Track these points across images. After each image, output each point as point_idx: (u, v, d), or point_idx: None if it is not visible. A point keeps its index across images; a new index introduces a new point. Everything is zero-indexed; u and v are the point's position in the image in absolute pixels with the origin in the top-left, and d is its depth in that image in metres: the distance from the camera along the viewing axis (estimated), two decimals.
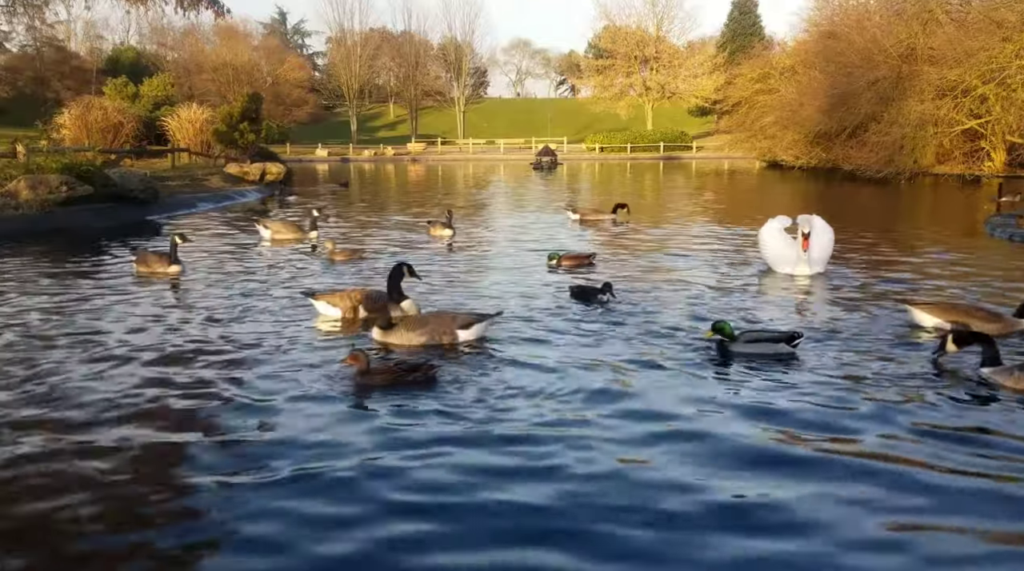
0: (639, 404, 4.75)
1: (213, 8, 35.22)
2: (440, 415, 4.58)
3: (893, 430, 4.31)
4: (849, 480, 3.72)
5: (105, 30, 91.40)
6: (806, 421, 4.47)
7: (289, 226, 13.01)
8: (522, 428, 4.37)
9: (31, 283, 9.00)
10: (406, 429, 4.37)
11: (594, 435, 4.26)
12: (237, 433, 4.34)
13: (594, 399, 4.82)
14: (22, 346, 6.13)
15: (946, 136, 30.35)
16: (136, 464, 3.97)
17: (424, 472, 3.83)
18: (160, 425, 4.48)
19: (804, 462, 3.94)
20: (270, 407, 4.73)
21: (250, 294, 8.23)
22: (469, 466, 3.89)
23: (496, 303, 7.63)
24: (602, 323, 6.77)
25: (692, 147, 69.71)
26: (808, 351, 5.80)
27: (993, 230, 13.23)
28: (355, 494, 3.62)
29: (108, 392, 4.99)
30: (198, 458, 4.02)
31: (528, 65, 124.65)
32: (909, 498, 3.55)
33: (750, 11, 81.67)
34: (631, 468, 3.87)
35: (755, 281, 8.93)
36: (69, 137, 29.30)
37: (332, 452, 4.07)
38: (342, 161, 64.66)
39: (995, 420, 4.49)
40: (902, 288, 8.34)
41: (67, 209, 15.18)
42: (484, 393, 4.94)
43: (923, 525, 3.33)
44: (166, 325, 6.81)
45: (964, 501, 3.53)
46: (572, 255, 10.00)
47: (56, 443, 4.20)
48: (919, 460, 3.93)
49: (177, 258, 9.64)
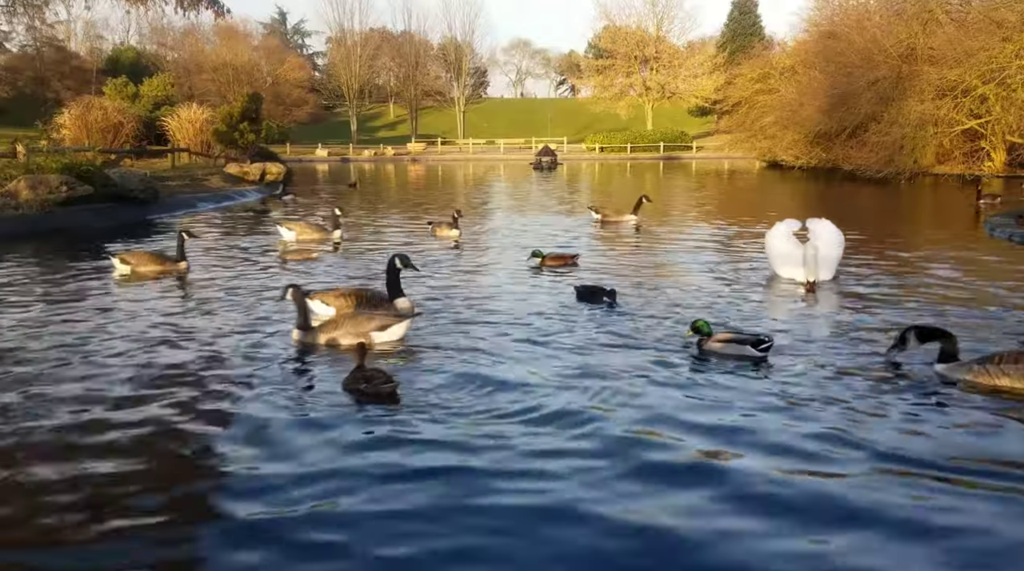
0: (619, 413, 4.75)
1: (213, 8, 35.26)
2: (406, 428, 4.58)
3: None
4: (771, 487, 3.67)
5: (105, 30, 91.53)
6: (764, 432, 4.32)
7: (312, 226, 13.00)
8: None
9: (31, 283, 9.01)
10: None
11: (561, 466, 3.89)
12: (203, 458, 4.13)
13: (561, 418, 4.51)
14: (22, 346, 6.13)
15: (946, 136, 30.35)
16: (135, 462, 3.98)
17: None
18: (150, 430, 4.48)
19: (730, 473, 3.83)
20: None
21: (236, 291, 8.25)
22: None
23: (499, 305, 7.63)
24: (598, 328, 6.72)
25: (692, 147, 69.71)
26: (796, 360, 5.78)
27: (993, 230, 13.23)
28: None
29: (103, 392, 5.01)
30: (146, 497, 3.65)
31: (528, 65, 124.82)
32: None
33: (750, 11, 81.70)
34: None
35: (760, 288, 8.59)
36: (69, 137, 29.30)
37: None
38: (342, 161, 64.67)
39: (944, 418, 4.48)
40: (903, 291, 8.34)
41: (67, 209, 15.19)
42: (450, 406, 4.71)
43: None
44: (165, 325, 6.82)
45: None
46: (556, 255, 10.13)
47: (44, 450, 4.20)
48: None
49: (184, 254, 9.69)
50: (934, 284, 8.55)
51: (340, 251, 11.68)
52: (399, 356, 5.81)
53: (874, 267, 9.69)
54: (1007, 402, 4.70)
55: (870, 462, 3.89)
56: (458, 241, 12.53)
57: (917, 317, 6.78)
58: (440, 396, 4.87)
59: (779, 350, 5.76)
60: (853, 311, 7.24)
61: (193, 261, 10.13)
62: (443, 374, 5.31)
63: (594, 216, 15.41)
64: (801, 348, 5.94)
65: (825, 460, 3.93)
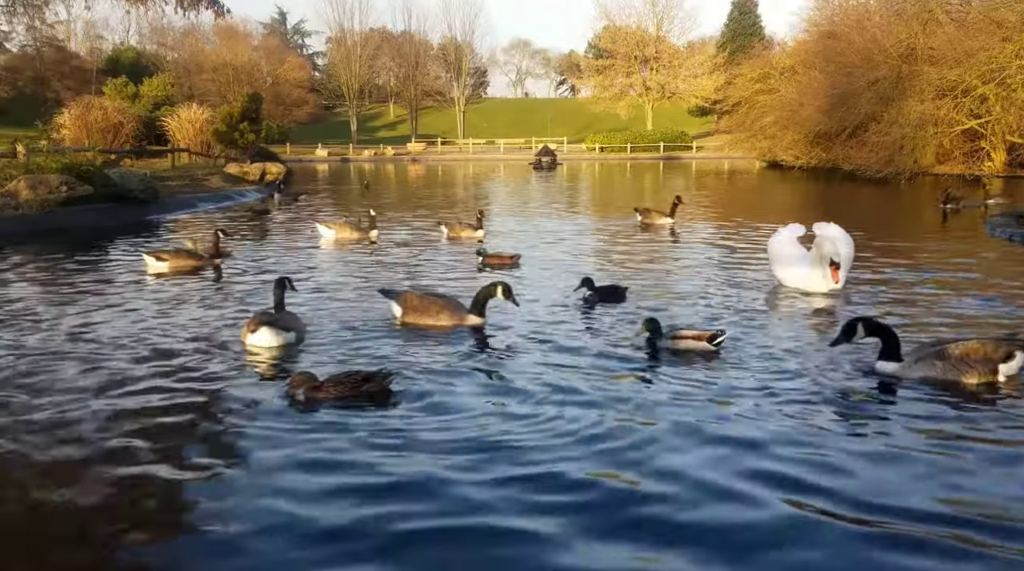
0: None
1: (213, 8, 35.29)
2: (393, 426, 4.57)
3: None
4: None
5: (105, 30, 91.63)
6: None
7: (352, 226, 13.02)
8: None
9: (31, 283, 9.01)
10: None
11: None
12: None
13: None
14: (21, 347, 6.13)
15: (946, 136, 30.34)
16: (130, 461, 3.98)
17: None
18: (146, 432, 4.49)
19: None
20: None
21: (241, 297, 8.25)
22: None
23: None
24: (596, 334, 6.74)
25: (692, 147, 69.70)
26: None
27: (993, 230, 13.24)
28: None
29: (99, 391, 5.01)
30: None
31: (528, 65, 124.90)
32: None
33: (750, 11, 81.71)
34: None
35: (762, 296, 8.03)
36: (69, 137, 29.31)
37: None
38: (342, 161, 64.66)
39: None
40: (902, 292, 8.34)
41: (67, 209, 15.18)
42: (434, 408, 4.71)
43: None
44: (162, 322, 6.83)
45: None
46: (496, 254, 10.25)
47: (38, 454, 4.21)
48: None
49: (219, 251, 10.04)
50: (933, 286, 8.55)
51: (374, 250, 11.62)
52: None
53: (874, 269, 9.67)
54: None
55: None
56: (482, 241, 12.39)
57: (910, 318, 6.78)
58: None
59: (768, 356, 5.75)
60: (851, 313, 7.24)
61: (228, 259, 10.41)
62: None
63: (639, 217, 15.01)
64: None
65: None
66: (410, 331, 6.52)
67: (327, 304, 7.67)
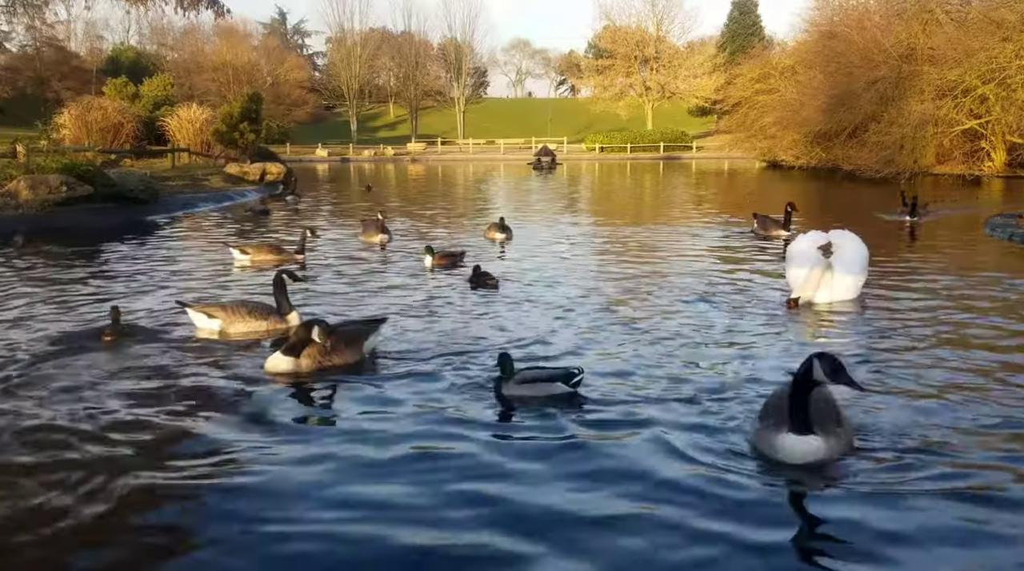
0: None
1: (213, 8, 35.36)
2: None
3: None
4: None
5: (105, 30, 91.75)
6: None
7: (369, 231, 12.86)
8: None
9: (31, 283, 9.01)
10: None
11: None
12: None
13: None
14: (21, 348, 6.13)
15: (946, 136, 30.32)
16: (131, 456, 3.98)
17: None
18: (150, 426, 4.49)
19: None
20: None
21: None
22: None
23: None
24: (593, 337, 6.73)
25: (692, 147, 69.69)
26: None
27: (993, 230, 13.23)
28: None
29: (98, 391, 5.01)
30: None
31: (528, 65, 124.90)
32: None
33: (750, 11, 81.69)
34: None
35: (771, 307, 7.58)
36: (69, 137, 29.25)
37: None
38: (342, 161, 64.64)
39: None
40: (905, 294, 8.33)
41: (67, 209, 15.19)
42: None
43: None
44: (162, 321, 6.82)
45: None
46: (444, 253, 10.31)
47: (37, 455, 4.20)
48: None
49: (304, 248, 10.47)
50: (933, 286, 8.54)
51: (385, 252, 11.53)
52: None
53: (878, 273, 9.65)
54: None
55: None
56: (505, 244, 12.25)
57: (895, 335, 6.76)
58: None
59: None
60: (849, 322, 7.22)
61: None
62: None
63: (755, 225, 13.62)
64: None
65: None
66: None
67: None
